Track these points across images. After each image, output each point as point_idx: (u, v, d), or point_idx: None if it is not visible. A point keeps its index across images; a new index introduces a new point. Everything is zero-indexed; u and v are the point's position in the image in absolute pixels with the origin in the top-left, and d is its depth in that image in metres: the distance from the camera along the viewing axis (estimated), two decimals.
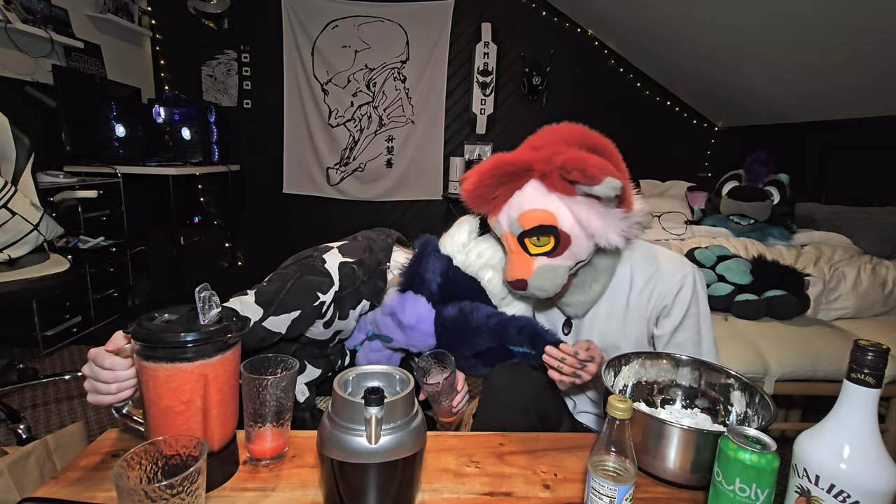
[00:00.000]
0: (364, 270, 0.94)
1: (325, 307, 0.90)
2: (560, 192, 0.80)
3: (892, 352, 0.50)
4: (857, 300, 1.68)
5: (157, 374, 0.58)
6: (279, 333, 0.88)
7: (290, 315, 0.87)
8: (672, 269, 0.92)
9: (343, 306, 0.93)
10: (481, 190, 0.84)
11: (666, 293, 0.91)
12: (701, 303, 0.92)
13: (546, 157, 0.79)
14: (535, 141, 0.86)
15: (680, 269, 0.92)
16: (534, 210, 0.81)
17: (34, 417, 1.81)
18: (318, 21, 3.55)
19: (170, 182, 2.76)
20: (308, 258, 0.92)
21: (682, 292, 0.90)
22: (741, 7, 2.33)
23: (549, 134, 0.86)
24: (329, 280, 0.89)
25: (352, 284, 0.92)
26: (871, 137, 2.39)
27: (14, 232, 1.64)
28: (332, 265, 0.91)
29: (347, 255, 0.94)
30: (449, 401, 0.87)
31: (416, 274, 0.94)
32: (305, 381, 1.04)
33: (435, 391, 0.85)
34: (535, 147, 0.84)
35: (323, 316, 0.91)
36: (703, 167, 3.64)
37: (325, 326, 0.94)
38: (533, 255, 0.84)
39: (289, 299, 0.86)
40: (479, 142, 3.68)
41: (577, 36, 3.53)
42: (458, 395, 0.89)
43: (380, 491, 0.56)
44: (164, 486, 0.47)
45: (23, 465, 0.74)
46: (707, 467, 0.60)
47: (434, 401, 0.89)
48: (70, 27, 2.75)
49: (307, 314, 0.88)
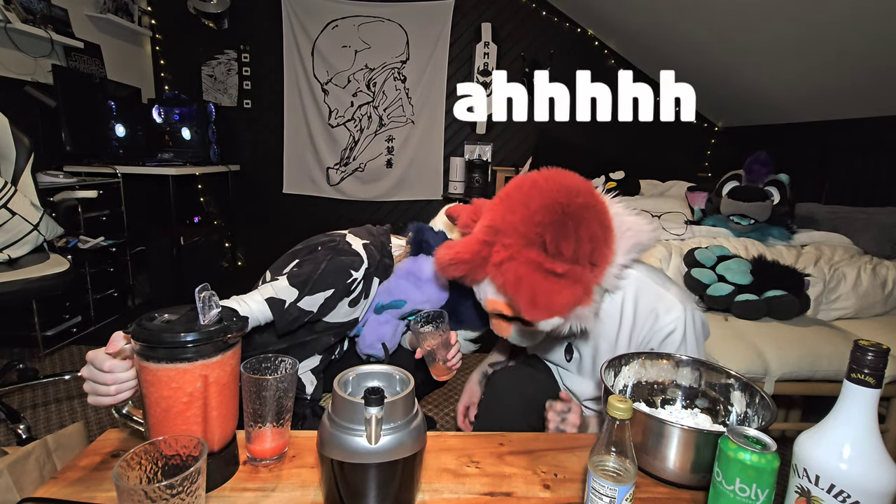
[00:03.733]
0: (376, 248, 1.03)
1: (355, 284, 0.97)
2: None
3: (892, 352, 0.50)
4: (857, 300, 1.67)
5: (157, 375, 0.58)
6: (311, 312, 0.94)
7: (323, 294, 0.93)
8: (664, 311, 0.85)
9: (367, 284, 1.00)
10: (448, 274, 0.82)
11: (652, 336, 0.87)
12: (689, 346, 0.85)
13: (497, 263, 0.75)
14: (495, 218, 0.78)
15: (672, 311, 0.85)
16: (495, 301, 0.81)
17: (34, 417, 1.81)
18: (318, 21, 3.55)
19: (170, 182, 2.76)
20: (331, 242, 1.00)
21: (671, 337, 0.85)
22: (741, 7, 2.33)
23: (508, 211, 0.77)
24: (360, 259, 0.97)
25: (374, 262, 1.00)
26: (871, 137, 2.39)
27: (14, 232, 1.63)
28: (358, 246, 1.00)
29: (361, 237, 1.03)
30: (444, 356, 0.96)
31: (421, 241, 1.05)
32: (310, 369, 1.07)
33: (432, 348, 0.94)
34: (495, 230, 0.77)
35: (350, 294, 0.97)
36: (703, 167, 3.65)
37: (351, 305, 1.00)
38: (509, 322, 0.86)
39: (324, 279, 0.93)
40: (479, 142, 3.68)
41: (577, 36, 3.53)
42: (452, 350, 0.97)
43: (380, 491, 0.56)
44: (164, 486, 0.47)
45: (23, 465, 0.74)
46: (707, 467, 0.60)
47: (430, 359, 0.97)
48: (70, 27, 2.75)
49: (339, 291, 0.95)
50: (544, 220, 0.74)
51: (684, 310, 0.85)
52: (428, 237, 1.06)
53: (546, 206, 0.75)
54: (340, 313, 1.00)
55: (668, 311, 0.85)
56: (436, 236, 1.07)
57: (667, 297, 0.86)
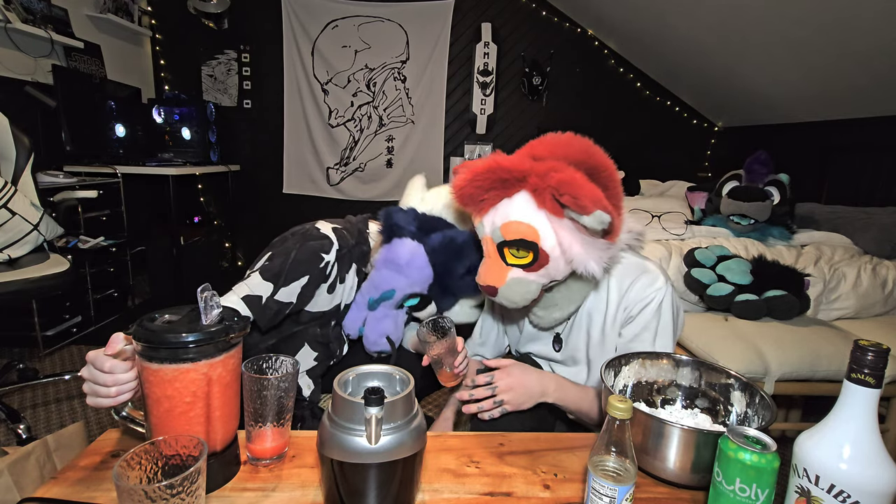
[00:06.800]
0: (350, 234, 1.03)
1: (329, 268, 0.97)
2: (548, 210, 0.77)
3: (892, 352, 0.50)
4: (857, 300, 1.68)
5: (159, 375, 0.58)
6: (290, 304, 0.94)
7: (299, 282, 0.93)
8: (644, 285, 0.89)
9: (342, 267, 1.01)
10: (471, 189, 0.81)
11: (633, 306, 0.89)
12: (663, 318, 0.89)
13: (542, 172, 0.76)
14: (536, 149, 0.83)
15: (651, 286, 0.88)
16: (519, 223, 0.79)
17: (34, 417, 1.81)
18: (318, 21, 3.55)
19: (170, 182, 2.76)
20: (300, 229, 1.00)
21: (647, 308, 0.88)
22: (741, 7, 2.33)
23: (552, 145, 0.83)
24: (329, 241, 0.97)
25: (346, 244, 1.01)
26: (871, 137, 2.39)
27: (14, 232, 1.63)
28: (327, 230, 1.00)
29: (333, 223, 1.04)
30: (451, 363, 0.94)
31: (392, 225, 1.03)
32: (307, 370, 1.07)
33: (438, 354, 0.92)
34: (535, 156, 0.81)
35: (327, 279, 0.98)
36: (703, 167, 3.65)
37: (330, 291, 1.00)
38: (508, 265, 0.83)
39: (296, 267, 0.92)
40: (480, 142, 3.68)
41: (577, 36, 3.53)
42: (459, 357, 0.94)
43: (380, 491, 0.56)
44: (164, 486, 0.47)
45: (23, 465, 0.74)
46: (707, 467, 0.60)
47: (437, 366, 0.95)
48: (70, 27, 2.75)
49: (314, 277, 0.95)
50: (586, 160, 0.79)
51: (666, 283, 0.89)
52: (397, 220, 1.03)
53: (586, 151, 0.81)
54: (321, 301, 1.00)
55: (652, 283, 0.88)
56: (405, 215, 1.04)
57: (652, 270, 0.90)
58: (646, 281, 0.89)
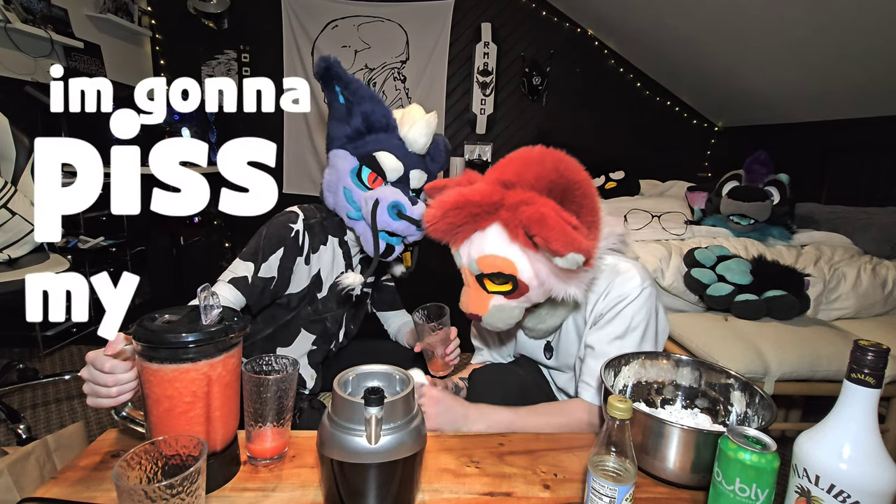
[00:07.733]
0: (319, 210, 1.11)
1: (301, 237, 1.04)
2: (521, 243, 0.76)
3: (892, 352, 0.50)
4: (857, 300, 1.67)
5: (159, 375, 0.58)
6: (273, 278, 1.00)
7: (276, 255, 1.00)
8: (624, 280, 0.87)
9: (313, 237, 1.07)
10: (443, 225, 0.80)
11: (607, 310, 0.87)
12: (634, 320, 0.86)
13: (513, 206, 0.74)
14: (506, 174, 0.80)
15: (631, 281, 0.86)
16: (495, 256, 0.78)
17: (34, 417, 1.80)
18: (318, 21, 3.55)
19: None
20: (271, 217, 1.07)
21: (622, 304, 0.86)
22: (741, 7, 2.33)
23: (522, 166, 0.80)
24: (293, 213, 1.06)
25: (314, 216, 1.08)
26: (871, 137, 2.39)
27: (14, 232, 1.63)
28: (293, 208, 1.08)
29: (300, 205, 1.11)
30: (443, 353, 0.98)
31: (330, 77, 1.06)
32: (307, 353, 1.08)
33: (432, 344, 0.97)
34: (505, 182, 0.79)
35: (301, 251, 1.04)
36: (703, 167, 3.65)
37: (307, 263, 1.06)
38: (490, 293, 0.83)
39: (269, 241, 1.01)
40: (479, 142, 3.68)
41: (577, 36, 3.53)
42: (451, 345, 0.99)
43: (380, 491, 0.56)
44: (164, 486, 0.47)
45: (23, 465, 0.74)
46: (707, 467, 0.60)
47: (429, 354, 0.99)
48: (70, 27, 2.75)
49: (289, 249, 1.02)
50: (558, 180, 0.78)
51: (642, 283, 0.86)
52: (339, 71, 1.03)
53: (557, 170, 0.79)
54: (301, 277, 1.06)
55: (628, 281, 0.86)
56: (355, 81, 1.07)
57: (625, 271, 0.87)
58: (619, 282, 0.87)
